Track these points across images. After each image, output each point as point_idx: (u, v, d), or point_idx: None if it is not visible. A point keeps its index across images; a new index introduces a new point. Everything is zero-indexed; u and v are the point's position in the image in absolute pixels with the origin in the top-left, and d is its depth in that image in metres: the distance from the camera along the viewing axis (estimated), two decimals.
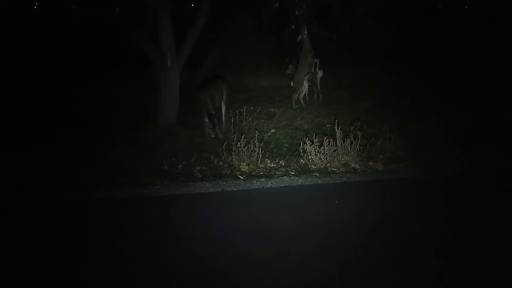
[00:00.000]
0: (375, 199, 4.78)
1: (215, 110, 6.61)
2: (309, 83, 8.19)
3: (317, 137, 5.71)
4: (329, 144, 5.56)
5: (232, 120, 6.79)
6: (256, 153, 5.56)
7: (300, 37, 8.04)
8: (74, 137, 6.21)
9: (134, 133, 6.41)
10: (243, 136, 5.75)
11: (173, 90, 6.98)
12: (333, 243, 3.82)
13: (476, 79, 9.02)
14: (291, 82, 8.26)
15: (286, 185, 5.13)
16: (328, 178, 5.31)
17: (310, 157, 5.58)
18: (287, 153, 5.95)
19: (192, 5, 12.79)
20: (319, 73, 8.27)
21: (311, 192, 4.97)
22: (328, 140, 5.58)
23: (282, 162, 5.67)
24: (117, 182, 5.07)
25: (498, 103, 7.56)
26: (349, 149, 5.61)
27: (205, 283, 3.33)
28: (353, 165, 5.56)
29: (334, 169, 5.50)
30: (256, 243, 3.81)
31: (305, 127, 6.99)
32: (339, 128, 5.78)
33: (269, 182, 5.18)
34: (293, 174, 5.39)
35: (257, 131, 6.01)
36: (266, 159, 5.69)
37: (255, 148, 5.56)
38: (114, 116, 7.30)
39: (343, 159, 5.59)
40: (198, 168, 5.50)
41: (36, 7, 15.90)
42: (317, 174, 5.38)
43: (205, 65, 10.21)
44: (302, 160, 5.65)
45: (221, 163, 5.58)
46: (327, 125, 6.88)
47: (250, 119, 7.17)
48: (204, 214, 4.43)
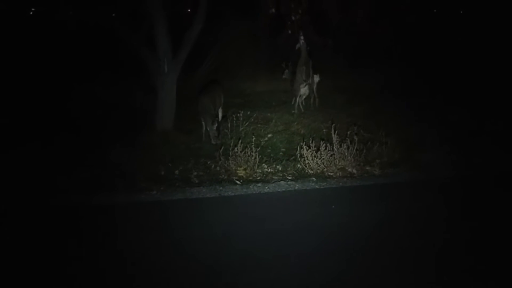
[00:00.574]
0: (372, 204, 4.78)
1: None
2: (307, 92, 8.18)
3: (314, 141, 5.71)
4: (326, 149, 5.57)
5: (229, 125, 6.78)
6: (253, 158, 5.55)
7: (298, 45, 8.03)
8: (71, 142, 6.19)
9: (131, 138, 6.39)
10: (240, 141, 5.75)
11: (170, 95, 6.97)
12: (330, 247, 3.81)
13: (472, 81, 9.06)
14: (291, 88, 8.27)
15: (283, 190, 5.13)
16: (325, 183, 5.30)
17: (307, 161, 5.58)
18: (284, 158, 5.95)
19: (189, 10, 12.84)
20: (316, 78, 8.27)
21: (308, 197, 4.97)
22: (325, 144, 5.59)
23: (279, 167, 5.67)
24: (113, 187, 5.06)
25: (494, 105, 7.60)
26: (346, 154, 5.61)
27: (202, 286, 3.32)
28: (350, 170, 5.56)
29: (331, 174, 5.50)
30: (253, 248, 3.80)
31: (302, 132, 6.99)
32: (336, 132, 5.78)
33: (266, 187, 5.17)
34: (290, 179, 5.38)
35: (254, 136, 6.01)
36: (263, 164, 5.69)
37: (252, 153, 5.56)
38: (111, 120, 7.28)
39: (340, 163, 5.59)
40: (195, 173, 5.49)
41: (32, 12, 15.90)
42: (314, 179, 5.38)
43: (202, 70, 10.21)
44: (299, 165, 5.65)
45: (218, 168, 5.58)
46: (324, 130, 6.89)
47: (247, 124, 7.17)
48: (201, 219, 4.42)
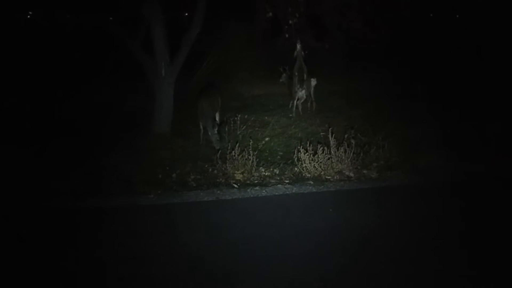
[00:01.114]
0: (369, 207, 4.79)
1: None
2: (304, 95, 8.19)
3: (311, 145, 5.72)
4: (323, 152, 5.58)
5: (226, 128, 6.79)
6: (250, 162, 5.55)
7: (296, 52, 8.05)
8: (68, 144, 6.18)
9: (128, 141, 6.39)
10: (238, 144, 5.75)
11: (167, 99, 6.97)
12: (328, 250, 3.81)
13: (469, 84, 9.10)
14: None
15: (281, 193, 5.13)
16: (323, 186, 5.31)
17: (304, 165, 5.59)
18: (281, 162, 5.95)
19: (186, 14, 12.85)
20: (313, 82, 8.29)
21: (305, 200, 4.97)
22: (322, 148, 5.60)
23: (277, 171, 5.67)
24: (110, 191, 5.05)
25: (492, 108, 7.62)
26: (343, 157, 5.62)
27: None
28: (347, 173, 5.57)
29: (329, 177, 5.50)
30: (251, 251, 3.80)
31: (299, 135, 7.00)
32: (333, 136, 5.79)
33: (264, 191, 5.17)
34: (287, 182, 5.38)
35: (251, 140, 6.01)
36: (261, 168, 5.69)
37: (249, 156, 5.56)
38: (108, 123, 7.28)
39: (337, 167, 5.60)
40: (192, 176, 5.48)
41: (29, 16, 15.87)
42: (312, 182, 5.38)
43: (199, 74, 10.21)
44: (296, 168, 5.66)
45: (215, 171, 5.57)
46: (321, 133, 6.91)
47: (244, 127, 7.18)
48: (199, 222, 4.41)
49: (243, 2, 12.73)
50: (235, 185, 5.29)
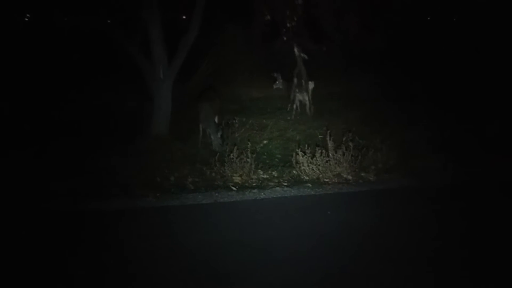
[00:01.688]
0: (367, 210, 4.79)
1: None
2: (303, 98, 8.20)
3: (309, 148, 5.73)
4: (321, 155, 5.58)
5: (225, 131, 6.79)
6: (248, 164, 5.56)
7: (297, 53, 8.05)
8: (66, 148, 6.17)
9: (126, 144, 6.38)
10: (236, 147, 5.76)
11: (165, 101, 6.97)
12: (326, 253, 3.82)
13: (466, 87, 9.13)
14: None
15: (279, 196, 5.14)
16: (321, 189, 5.31)
17: (302, 168, 5.59)
18: (279, 164, 5.96)
19: (184, 17, 12.86)
20: (310, 85, 8.29)
21: (304, 203, 4.97)
22: (320, 151, 5.60)
23: (275, 173, 5.68)
24: (109, 193, 5.05)
25: (489, 110, 7.65)
26: (341, 160, 5.63)
27: None
28: (345, 176, 5.58)
29: (327, 180, 5.51)
30: (249, 254, 3.80)
31: (297, 138, 7.01)
32: (331, 138, 5.80)
33: (262, 193, 5.18)
34: (285, 185, 5.39)
35: (249, 142, 6.02)
36: (259, 170, 5.69)
37: (247, 159, 5.56)
38: (107, 125, 7.27)
39: (336, 170, 5.61)
40: (190, 179, 5.48)
41: (27, 18, 15.89)
42: (310, 185, 5.39)
43: (197, 77, 10.22)
44: (294, 171, 5.66)
45: (213, 174, 5.57)
46: (319, 136, 6.91)
47: (243, 130, 7.18)
48: (197, 225, 4.41)
49: (241, 5, 12.76)
50: (233, 188, 5.29)
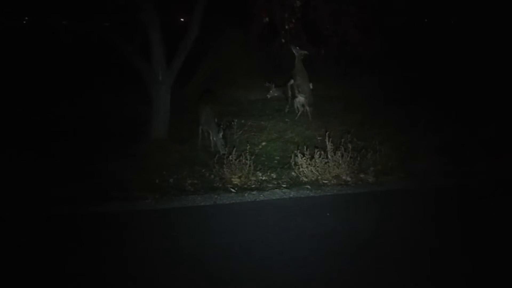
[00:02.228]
0: (366, 212, 4.81)
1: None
2: (302, 100, 8.20)
3: (308, 149, 5.74)
4: (320, 157, 5.60)
5: (223, 133, 6.79)
6: (247, 166, 5.57)
7: (296, 57, 8.06)
8: (65, 151, 6.16)
9: (125, 146, 6.37)
10: (235, 149, 5.76)
11: (164, 104, 6.96)
12: (325, 254, 3.82)
13: (464, 89, 9.13)
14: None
15: (278, 197, 5.14)
16: (320, 191, 5.33)
17: (301, 169, 5.60)
18: (278, 166, 5.96)
19: (182, 20, 12.89)
20: (310, 86, 8.30)
21: (303, 205, 4.98)
22: (319, 152, 5.62)
23: (274, 175, 5.69)
24: (108, 196, 5.04)
25: (487, 112, 7.66)
26: (340, 162, 5.64)
27: None
28: (344, 178, 5.59)
29: (326, 182, 5.52)
30: (249, 256, 3.80)
31: (296, 140, 7.01)
32: (330, 140, 5.81)
33: (261, 195, 5.18)
34: (284, 187, 5.40)
35: (248, 144, 6.03)
36: (258, 172, 5.70)
37: (246, 161, 5.57)
38: (106, 128, 7.26)
39: (334, 171, 5.62)
40: (189, 181, 5.49)
41: (25, 22, 15.87)
42: (309, 187, 5.40)
43: (196, 79, 10.22)
44: (293, 173, 5.67)
45: (212, 176, 5.59)
46: (318, 138, 6.92)
47: (241, 132, 7.19)
48: (196, 227, 4.41)
49: (240, 8, 12.78)
50: (233, 190, 5.30)
